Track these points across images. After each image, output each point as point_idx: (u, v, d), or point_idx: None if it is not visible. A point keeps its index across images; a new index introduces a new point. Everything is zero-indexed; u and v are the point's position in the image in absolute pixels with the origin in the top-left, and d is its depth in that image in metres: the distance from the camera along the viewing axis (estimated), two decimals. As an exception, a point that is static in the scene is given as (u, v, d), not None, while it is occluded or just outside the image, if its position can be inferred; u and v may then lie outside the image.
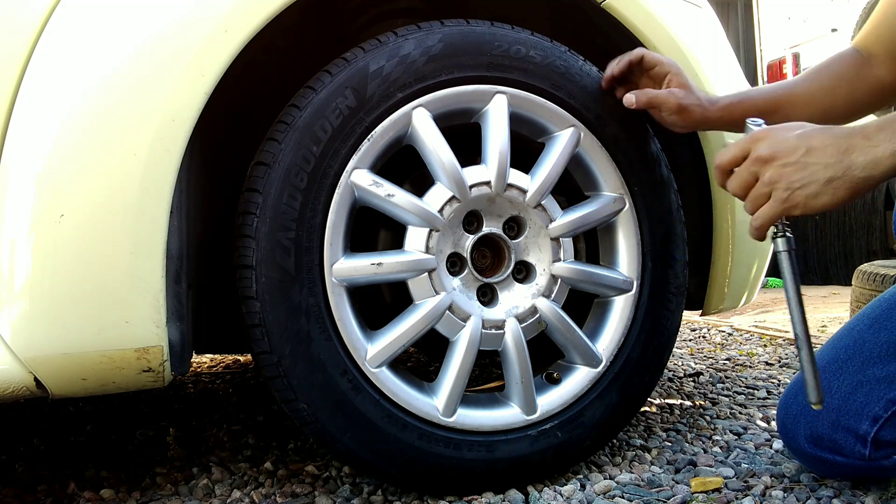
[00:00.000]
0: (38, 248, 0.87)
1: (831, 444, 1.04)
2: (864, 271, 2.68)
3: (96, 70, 0.90)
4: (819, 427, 1.05)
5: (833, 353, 1.07)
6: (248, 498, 1.14)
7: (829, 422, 1.04)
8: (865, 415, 1.01)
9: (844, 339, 1.08)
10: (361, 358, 1.03)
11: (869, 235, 5.12)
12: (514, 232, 1.14)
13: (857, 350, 1.04)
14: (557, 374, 1.18)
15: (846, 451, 1.03)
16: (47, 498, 1.18)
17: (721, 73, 1.31)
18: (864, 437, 1.01)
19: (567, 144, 1.14)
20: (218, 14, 0.94)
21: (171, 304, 0.95)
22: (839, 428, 1.03)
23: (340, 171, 1.02)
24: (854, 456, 1.02)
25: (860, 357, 1.04)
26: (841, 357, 1.06)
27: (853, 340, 1.06)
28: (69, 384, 0.91)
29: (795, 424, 1.08)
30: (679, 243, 1.23)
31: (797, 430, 1.08)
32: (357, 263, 1.04)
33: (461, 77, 1.08)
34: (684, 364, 2.31)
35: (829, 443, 1.04)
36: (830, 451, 1.05)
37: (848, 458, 1.03)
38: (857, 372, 1.03)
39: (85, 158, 0.88)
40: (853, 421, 1.02)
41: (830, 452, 1.05)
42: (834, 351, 1.07)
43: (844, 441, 1.03)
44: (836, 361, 1.06)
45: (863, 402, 1.01)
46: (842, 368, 1.05)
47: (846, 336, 1.08)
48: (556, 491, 1.11)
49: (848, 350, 1.06)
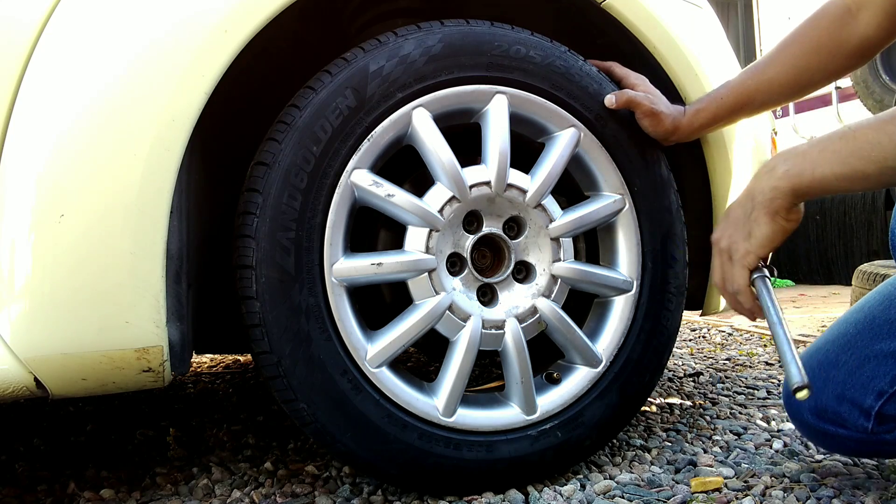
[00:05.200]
0: (39, 248, 0.87)
1: (835, 416, 1.04)
2: (865, 271, 2.68)
3: (96, 70, 0.90)
4: (824, 399, 1.05)
5: (843, 328, 1.07)
6: (248, 498, 1.14)
7: (835, 394, 1.03)
8: (871, 389, 1.01)
9: (855, 316, 1.07)
10: (361, 358, 1.03)
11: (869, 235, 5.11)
12: (514, 232, 1.14)
13: (867, 326, 1.04)
14: (557, 374, 1.18)
15: (849, 424, 1.02)
16: (47, 498, 1.18)
17: (721, 73, 1.31)
18: (869, 410, 1.01)
19: (567, 144, 1.14)
20: (218, 14, 0.94)
21: (171, 305, 0.95)
22: (844, 401, 1.02)
23: (340, 171, 1.02)
24: (857, 429, 1.02)
25: (869, 332, 1.03)
26: (850, 332, 1.05)
27: (863, 316, 1.06)
28: (69, 384, 0.91)
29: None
30: (679, 243, 1.23)
31: (802, 402, 1.07)
32: (357, 263, 1.04)
33: (461, 77, 1.08)
34: (684, 364, 2.31)
35: (833, 415, 1.04)
36: (833, 423, 1.04)
37: (850, 430, 1.03)
38: (866, 346, 1.03)
39: (85, 158, 0.88)
40: (858, 394, 1.01)
41: (833, 425, 1.05)
42: (844, 326, 1.07)
43: (848, 414, 1.02)
44: (844, 336, 1.06)
45: (869, 376, 1.01)
46: (850, 343, 1.04)
47: (856, 313, 1.08)
48: (556, 491, 1.11)
49: (858, 325, 1.05)
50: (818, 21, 1.12)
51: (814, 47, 1.12)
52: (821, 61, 1.12)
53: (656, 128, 1.18)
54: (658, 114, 1.17)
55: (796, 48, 1.13)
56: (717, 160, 1.29)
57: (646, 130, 1.19)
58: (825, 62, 1.12)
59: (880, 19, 1.08)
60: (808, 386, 0.91)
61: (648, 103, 1.16)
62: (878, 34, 1.09)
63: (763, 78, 1.15)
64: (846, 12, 1.09)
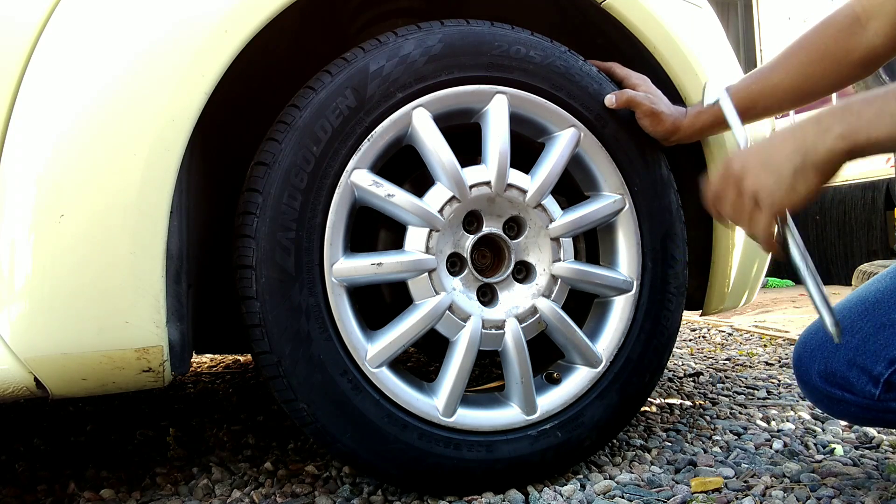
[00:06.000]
0: (39, 249, 0.87)
1: (843, 381, 1.04)
2: (864, 271, 2.68)
3: (96, 70, 0.90)
4: (834, 363, 1.05)
5: (861, 297, 1.07)
6: (248, 498, 1.14)
7: (846, 359, 1.04)
8: (883, 357, 1.01)
9: (872, 286, 1.08)
10: (361, 358, 1.03)
11: (869, 235, 5.11)
12: (514, 232, 1.14)
13: (885, 295, 1.04)
14: (557, 374, 1.18)
15: (856, 389, 1.02)
16: (47, 498, 1.18)
17: (721, 73, 1.31)
18: (878, 377, 1.00)
19: (567, 144, 1.14)
20: (218, 14, 0.94)
21: (171, 305, 0.95)
22: (854, 366, 1.03)
23: (340, 172, 1.02)
24: (864, 395, 1.02)
25: (887, 302, 1.03)
26: (870, 300, 1.06)
27: (883, 286, 1.06)
28: (69, 384, 0.91)
29: (811, 358, 1.08)
30: (679, 243, 1.23)
31: (812, 365, 1.07)
32: (357, 263, 1.04)
33: (461, 77, 1.08)
34: (684, 364, 2.31)
35: (841, 380, 1.04)
36: (841, 388, 1.04)
37: (857, 396, 1.03)
38: (883, 315, 1.03)
39: (85, 158, 0.88)
40: (869, 361, 1.01)
41: (840, 389, 1.04)
42: (863, 295, 1.08)
43: (857, 380, 1.02)
44: (863, 303, 1.06)
45: (883, 344, 1.01)
46: (868, 311, 1.05)
47: (874, 284, 1.08)
48: (556, 491, 1.11)
49: (877, 294, 1.06)
50: (825, 29, 1.11)
51: (820, 55, 1.11)
52: (826, 69, 1.11)
53: (657, 128, 1.18)
54: (659, 114, 1.17)
55: (802, 55, 1.13)
56: (717, 160, 1.29)
57: (646, 130, 1.19)
58: (830, 70, 1.11)
59: (889, 29, 1.07)
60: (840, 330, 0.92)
61: (649, 103, 1.17)
62: (886, 44, 1.08)
63: (767, 83, 1.14)
64: (854, 21, 1.09)
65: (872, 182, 5.14)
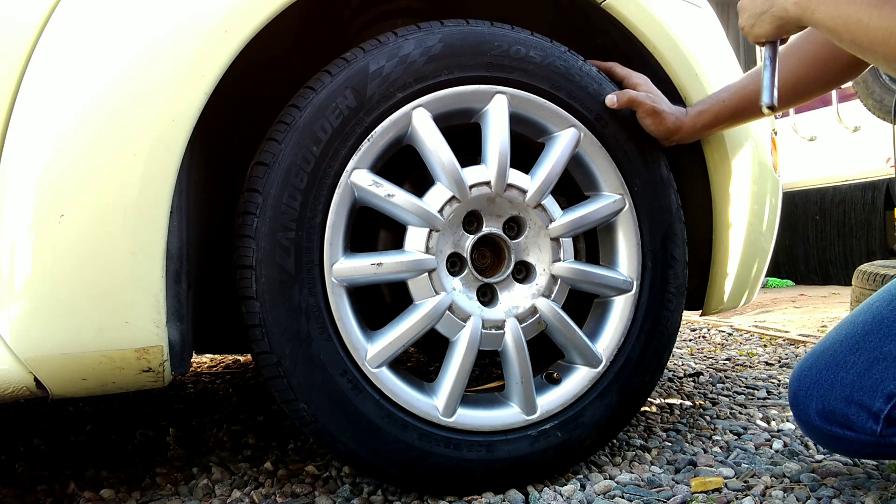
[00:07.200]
0: (38, 249, 0.87)
1: (842, 419, 1.03)
2: (864, 271, 2.68)
3: (96, 70, 0.90)
4: (831, 401, 1.04)
5: (850, 329, 1.06)
6: (248, 498, 1.14)
7: (843, 396, 1.02)
8: (880, 392, 1.00)
9: (863, 316, 1.07)
10: (361, 358, 1.03)
11: (869, 235, 5.11)
12: (514, 232, 1.14)
13: (876, 327, 1.03)
14: (557, 374, 1.18)
15: (857, 426, 1.01)
16: (47, 498, 1.18)
17: (721, 73, 1.31)
18: (878, 413, 1.00)
19: (567, 144, 1.14)
20: (218, 14, 0.94)
21: (171, 305, 0.95)
22: (852, 403, 1.02)
23: (340, 172, 1.02)
24: (865, 432, 1.01)
25: (878, 334, 1.03)
26: (858, 333, 1.05)
27: (871, 317, 1.05)
28: (69, 384, 0.91)
29: (807, 397, 1.07)
30: (679, 243, 1.23)
31: (808, 404, 1.06)
32: (357, 263, 1.04)
33: (461, 77, 1.08)
34: (684, 364, 2.31)
35: (841, 418, 1.03)
36: (841, 426, 1.03)
37: (858, 433, 1.02)
38: (875, 348, 1.02)
39: (85, 158, 0.88)
40: (867, 397, 1.01)
41: (841, 427, 1.04)
42: (852, 326, 1.07)
43: (856, 417, 1.01)
44: (853, 337, 1.05)
45: (878, 378, 1.00)
46: (858, 344, 1.04)
47: (864, 313, 1.07)
48: (556, 491, 1.11)
49: (866, 326, 1.05)
50: (815, 35, 1.15)
51: (811, 59, 1.16)
52: (817, 72, 1.17)
53: (658, 127, 1.18)
54: (660, 113, 1.17)
55: (794, 59, 1.17)
56: (717, 160, 1.29)
57: (647, 130, 1.19)
58: (821, 73, 1.17)
59: None
60: (775, 108, 1.05)
61: (650, 102, 1.17)
62: None
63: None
64: None
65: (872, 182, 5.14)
